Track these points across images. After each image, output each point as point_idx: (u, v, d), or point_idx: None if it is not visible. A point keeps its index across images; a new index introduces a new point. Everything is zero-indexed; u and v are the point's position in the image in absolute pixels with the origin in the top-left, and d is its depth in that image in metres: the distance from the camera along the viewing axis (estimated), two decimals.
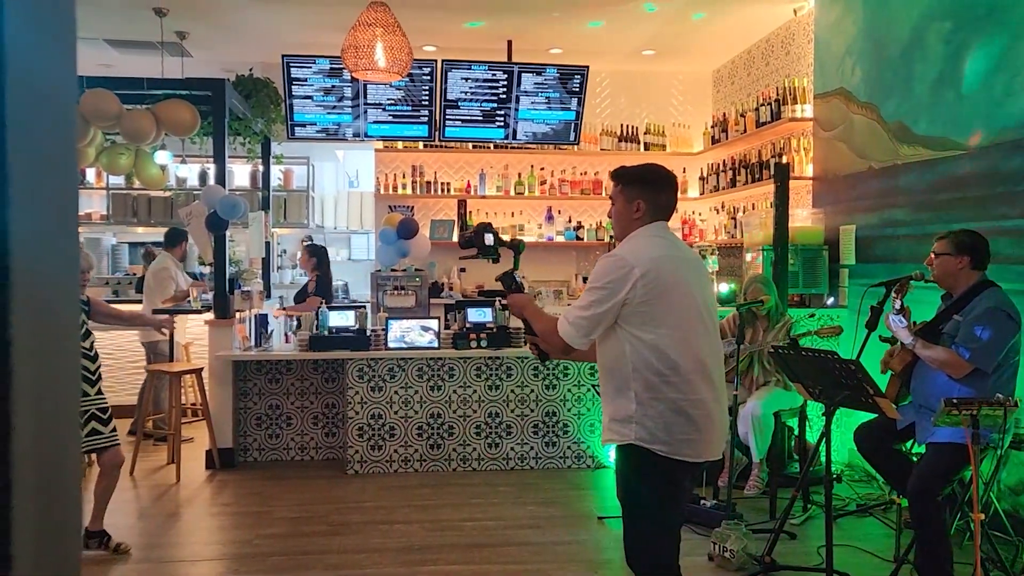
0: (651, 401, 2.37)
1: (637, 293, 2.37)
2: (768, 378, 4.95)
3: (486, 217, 8.43)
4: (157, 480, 5.52)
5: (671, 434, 2.37)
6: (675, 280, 2.43)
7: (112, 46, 7.57)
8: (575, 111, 7.48)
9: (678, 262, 2.49)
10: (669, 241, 2.55)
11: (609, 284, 2.41)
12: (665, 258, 2.46)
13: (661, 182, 2.59)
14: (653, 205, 2.54)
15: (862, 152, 5.72)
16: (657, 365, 2.37)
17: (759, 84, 7.59)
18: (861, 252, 5.72)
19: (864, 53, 5.74)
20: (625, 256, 2.44)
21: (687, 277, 2.48)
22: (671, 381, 2.37)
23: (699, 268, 2.63)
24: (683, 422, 2.37)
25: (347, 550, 4.15)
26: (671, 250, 2.52)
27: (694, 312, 2.45)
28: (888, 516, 4.52)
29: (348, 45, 5.22)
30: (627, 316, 2.41)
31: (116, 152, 6.91)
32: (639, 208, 2.54)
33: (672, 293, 2.41)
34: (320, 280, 6.76)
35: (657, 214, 2.55)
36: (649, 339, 2.38)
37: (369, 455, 5.59)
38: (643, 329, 2.39)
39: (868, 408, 3.25)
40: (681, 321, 2.41)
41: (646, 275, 2.38)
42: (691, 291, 2.46)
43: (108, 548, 4.12)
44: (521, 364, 5.70)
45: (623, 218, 2.57)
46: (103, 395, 4.15)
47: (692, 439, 2.39)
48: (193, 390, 6.51)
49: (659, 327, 2.38)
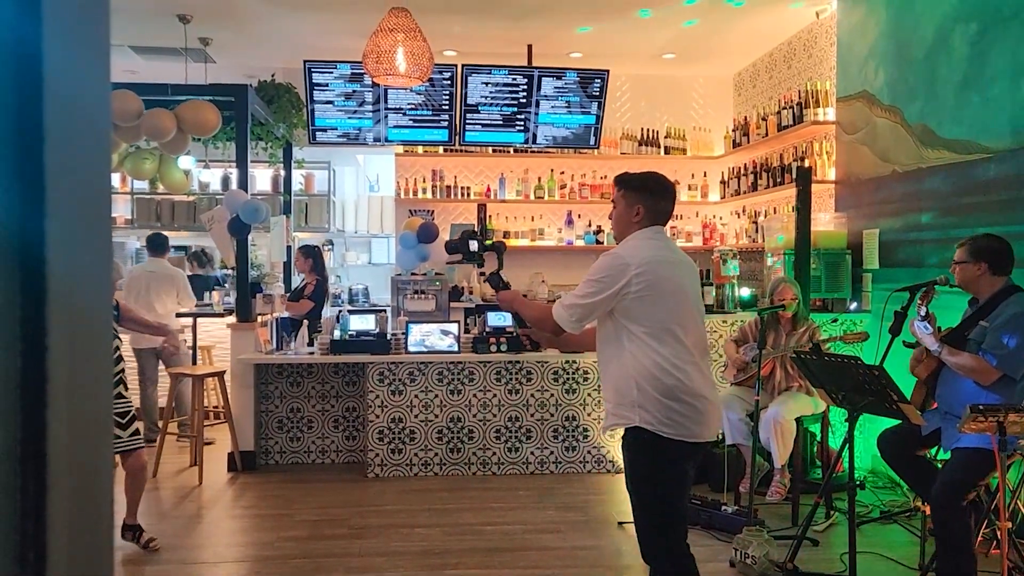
0: (650, 388, 2.57)
1: (632, 288, 2.58)
2: (791, 383, 4.91)
3: (506, 222, 8.44)
4: (180, 482, 5.58)
5: (671, 417, 2.56)
6: (668, 278, 2.65)
7: (137, 53, 7.66)
8: (595, 115, 7.48)
9: (672, 263, 2.71)
10: (664, 244, 2.77)
11: (606, 278, 2.62)
12: (660, 259, 2.68)
13: (661, 190, 2.79)
14: (652, 211, 2.75)
15: (885, 155, 5.67)
16: (654, 356, 2.58)
17: (781, 87, 7.55)
18: (885, 256, 5.67)
19: (887, 55, 5.69)
20: (622, 254, 2.67)
21: (680, 276, 2.71)
22: (667, 369, 2.57)
23: (691, 269, 2.82)
24: (682, 407, 2.57)
25: (367, 553, 4.17)
26: (665, 252, 2.74)
27: (686, 307, 2.68)
28: (912, 523, 4.47)
29: (369, 50, 5.25)
30: (624, 310, 2.62)
31: (140, 157, 6.99)
32: (639, 212, 2.74)
33: (666, 290, 2.63)
34: (318, 283, 6.73)
35: (655, 219, 2.77)
36: (645, 331, 2.59)
37: (389, 459, 5.60)
38: (640, 322, 2.60)
39: (892, 414, 3.22)
40: (674, 315, 2.62)
41: (641, 273, 2.59)
42: (684, 288, 2.69)
43: (139, 542, 4.19)
44: (541, 368, 5.70)
45: (623, 221, 2.78)
46: (124, 398, 4.19)
47: (691, 421, 2.59)
48: (216, 393, 6.56)
49: (654, 320, 2.60)
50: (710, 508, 4.50)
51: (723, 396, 4.98)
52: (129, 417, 4.18)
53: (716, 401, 2.72)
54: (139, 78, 7.88)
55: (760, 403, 4.51)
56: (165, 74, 7.35)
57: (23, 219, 0.38)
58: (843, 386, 3.31)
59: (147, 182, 8.36)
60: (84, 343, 0.43)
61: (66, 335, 0.40)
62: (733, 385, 5.06)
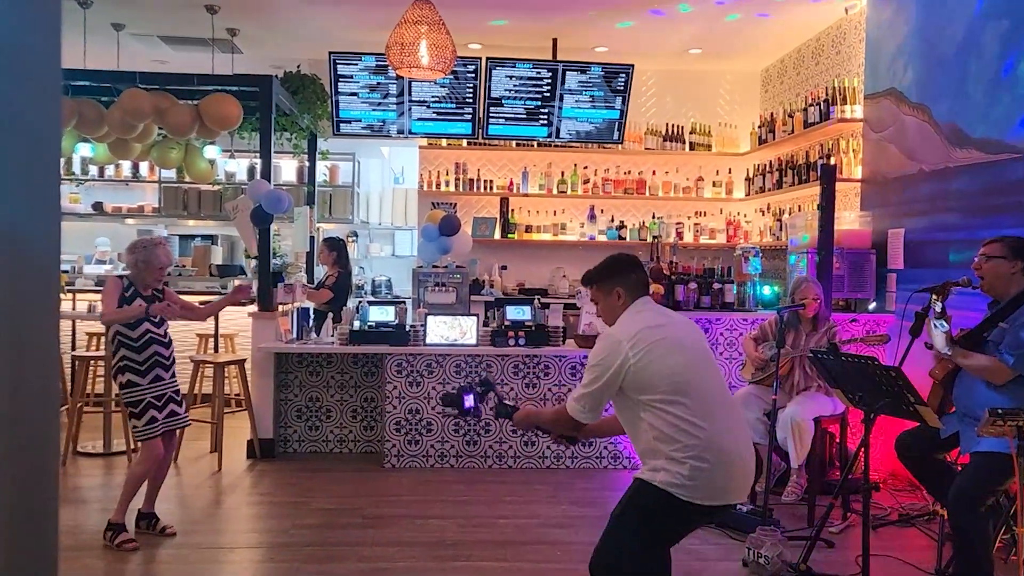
0: (677, 453, 2.52)
1: (631, 360, 2.57)
2: (809, 383, 4.86)
3: (528, 216, 8.43)
4: (200, 468, 5.65)
5: (696, 480, 2.50)
6: (664, 338, 2.63)
7: (165, 42, 7.75)
8: (619, 110, 7.44)
9: (664, 325, 2.71)
10: (654, 312, 2.77)
11: (604, 360, 2.62)
12: (651, 324, 2.67)
13: (626, 265, 2.83)
14: (630, 287, 2.78)
15: (912, 154, 5.58)
16: (671, 419, 2.53)
17: (808, 84, 7.46)
18: (910, 256, 5.58)
19: (917, 53, 5.60)
20: (613, 333, 2.70)
21: (675, 333, 2.69)
22: (687, 430, 2.52)
23: (687, 325, 2.81)
24: (709, 468, 2.50)
25: (381, 543, 4.20)
26: (657, 318, 2.74)
27: (691, 360, 2.64)
28: (931, 527, 4.41)
29: (393, 42, 5.26)
30: (631, 384, 2.60)
31: (167, 146, 7.07)
32: (619, 296, 2.77)
33: (665, 350, 2.60)
34: (340, 276, 6.77)
35: (636, 292, 2.78)
36: (657, 398, 2.55)
37: (406, 449, 5.63)
38: (649, 391, 2.57)
39: (909, 416, 3.18)
40: (682, 371, 2.59)
41: (636, 343, 2.59)
42: (682, 342, 2.67)
43: (155, 529, 4.25)
44: (559, 363, 5.70)
45: (610, 309, 2.81)
46: (163, 380, 4.25)
47: (717, 485, 2.54)
48: (236, 380, 6.63)
49: (662, 383, 2.55)
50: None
51: (740, 394, 4.95)
52: (164, 400, 4.23)
53: (747, 458, 2.64)
54: (168, 68, 7.96)
55: (778, 402, 4.47)
56: (193, 64, 7.42)
57: None
58: (860, 387, 3.27)
59: (174, 171, 8.45)
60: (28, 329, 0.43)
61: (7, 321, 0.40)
62: (751, 384, 5.02)
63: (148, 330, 4.20)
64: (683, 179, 8.51)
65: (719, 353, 5.85)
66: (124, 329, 4.15)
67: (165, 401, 4.24)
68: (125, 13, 6.93)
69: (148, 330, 4.20)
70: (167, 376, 4.27)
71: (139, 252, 4.22)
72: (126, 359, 4.16)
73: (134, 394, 4.16)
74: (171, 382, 4.31)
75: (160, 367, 4.23)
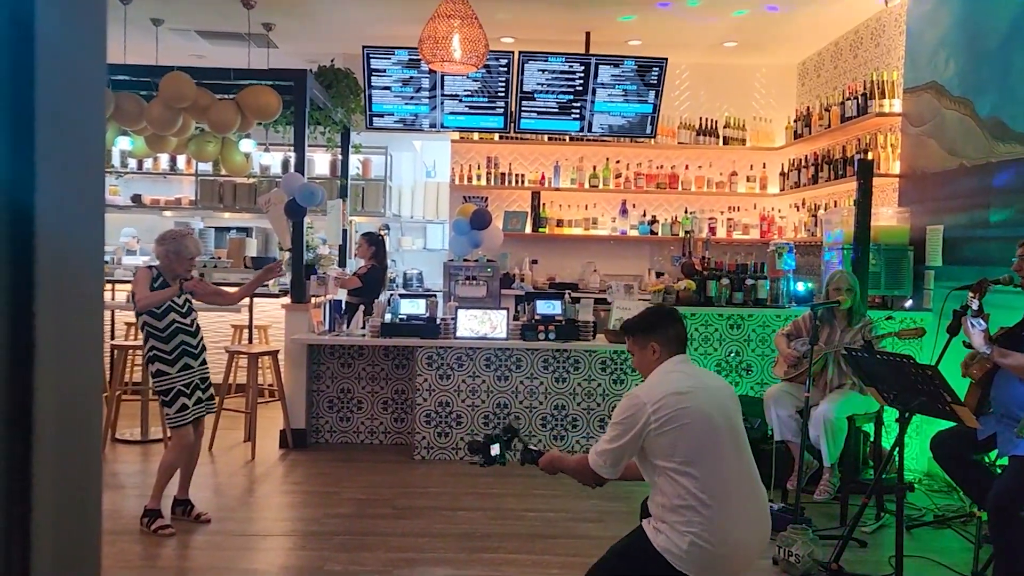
0: (680, 526, 2.49)
1: (651, 425, 2.53)
2: (843, 380, 4.79)
3: (560, 210, 8.41)
4: (234, 457, 5.73)
5: (692, 557, 2.47)
6: (690, 408, 2.55)
7: (203, 37, 7.85)
8: (652, 104, 7.39)
9: (697, 392, 2.61)
10: (687, 373, 2.70)
11: (625, 420, 2.58)
12: (680, 390, 2.59)
13: (665, 320, 2.78)
14: (665, 342, 2.73)
15: (953, 149, 5.47)
16: (681, 491, 2.50)
17: (846, 77, 7.34)
18: (949, 253, 5.48)
19: (959, 45, 5.48)
20: (639, 394, 2.63)
21: (706, 405, 2.59)
22: (694, 507, 2.48)
23: (722, 394, 2.72)
24: (708, 551, 2.47)
25: (410, 533, 4.23)
26: (689, 381, 2.65)
27: (715, 437, 2.56)
28: (968, 529, 4.33)
29: (425, 36, 5.28)
30: (649, 447, 2.57)
31: (204, 140, 7.17)
32: (655, 350, 2.73)
33: (688, 421, 2.53)
34: (374, 268, 6.79)
35: (673, 349, 2.74)
36: (672, 468, 2.52)
37: (436, 442, 5.67)
38: (664, 458, 2.54)
39: (945, 416, 3.12)
40: (701, 447, 2.52)
41: (658, 408, 2.53)
42: (711, 418, 2.57)
43: (190, 516, 4.33)
44: (589, 358, 5.69)
45: (644, 363, 2.76)
46: (191, 368, 4.33)
47: (715, 568, 2.51)
48: (270, 371, 6.72)
49: (678, 455, 2.51)
50: None
51: (773, 392, 4.90)
52: (192, 388, 4.31)
53: (755, 547, 2.60)
54: (205, 62, 8.07)
55: (811, 400, 4.42)
56: (230, 59, 7.51)
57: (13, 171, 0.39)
58: (895, 385, 3.23)
59: (210, 164, 8.57)
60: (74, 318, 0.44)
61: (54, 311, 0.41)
62: (784, 381, 4.97)
63: (175, 320, 4.28)
64: (716, 174, 8.44)
65: (751, 350, 5.80)
66: (151, 320, 4.24)
67: (193, 388, 4.31)
68: (164, 8, 7.04)
69: (175, 320, 4.28)
70: (196, 364, 4.34)
71: (169, 243, 4.31)
72: (155, 349, 4.25)
73: (164, 383, 4.25)
74: (199, 370, 4.38)
75: (188, 356, 4.30)
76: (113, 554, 3.87)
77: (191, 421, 4.31)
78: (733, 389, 2.78)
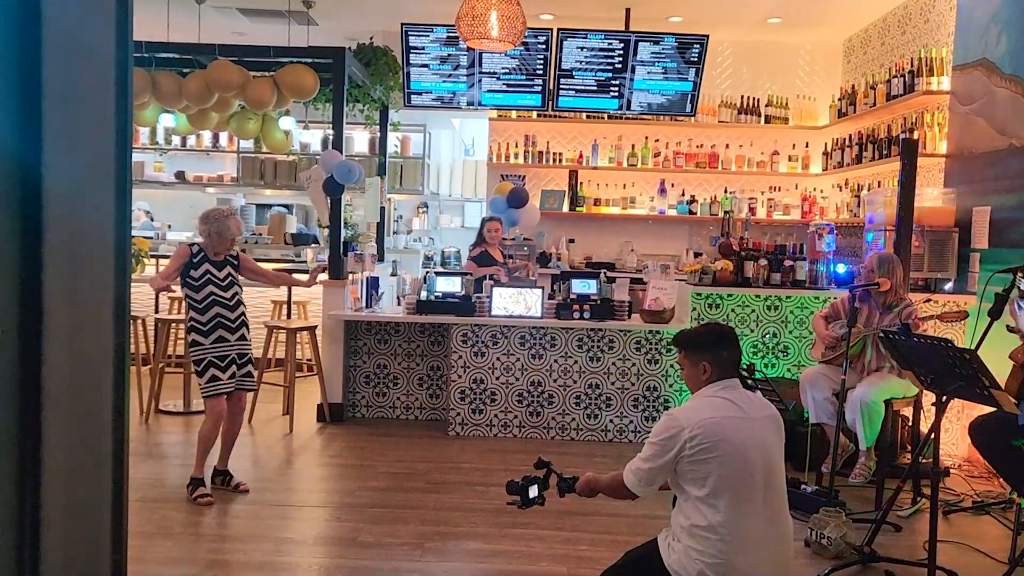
0: (693, 552, 2.49)
1: (686, 452, 2.49)
2: (881, 363, 4.72)
3: (597, 189, 8.37)
4: (272, 429, 5.86)
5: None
6: (729, 440, 2.50)
7: (244, 15, 7.92)
8: (692, 82, 7.29)
9: (738, 423, 2.55)
10: (731, 401, 2.61)
11: (661, 442, 2.56)
12: (722, 418, 2.54)
13: (721, 340, 2.70)
14: (718, 364, 2.65)
15: (1003, 128, 5.32)
16: (704, 524, 2.48)
17: (893, 54, 7.15)
18: (996, 236, 5.34)
19: (1012, 21, 5.30)
20: (678, 416, 2.58)
21: (746, 439, 2.53)
22: (713, 542, 2.47)
23: (766, 427, 2.63)
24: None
25: (443, 507, 4.29)
26: (732, 410, 2.58)
27: (749, 474, 2.51)
28: (1007, 516, 4.26)
29: (463, 13, 5.26)
30: (681, 472, 2.55)
31: (245, 117, 7.26)
32: (706, 370, 2.65)
33: (724, 454, 2.48)
34: None
35: (723, 372, 2.66)
36: (696, 495, 2.50)
37: (470, 418, 5.72)
38: (693, 485, 2.52)
39: (983, 400, 3.06)
40: (733, 484, 2.48)
41: (695, 436, 2.49)
42: (747, 453, 2.51)
43: (230, 486, 4.45)
44: (623, 337, 5.68)
45: (693, 379, 2.71)
46: (226, 342, 4.43)
47: None
48: (308, 346, 6.82)
49: (708, 487, 2.48)
50: (789, 486, 4.39)
51: (809, 374, 4.85)
52: (227, 361, 4.41)
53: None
54: (246, 40, 8.14)
55: (848, 383, 4.37)
56: (270, 36, 7.56)
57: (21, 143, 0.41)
58: (932, 369, 3.17)
59: (252, 141, 8.67)
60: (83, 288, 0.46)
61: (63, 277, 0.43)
62: (820, 363, 4.91)
63: (212, 292, 4.39)
64: (757, 153, 8.31)
65: (788, 332, 5.73)
66: (191, 292, 4.38)
67: (228, 363, 4.40)
68: None
69: (212, 292, 4.39)
70: (232, 339, 4.43)
71: (212, 223, 4.42)
72: (192, 320, 4.39)
73: (197, 353, 4.37)
74: (237, 344, 4.46)
75: (224, 328, 4.40)
76: (155, 520, 4.00)
77: (223, 393, 4.40)
78: (781, 421, 2.69)
